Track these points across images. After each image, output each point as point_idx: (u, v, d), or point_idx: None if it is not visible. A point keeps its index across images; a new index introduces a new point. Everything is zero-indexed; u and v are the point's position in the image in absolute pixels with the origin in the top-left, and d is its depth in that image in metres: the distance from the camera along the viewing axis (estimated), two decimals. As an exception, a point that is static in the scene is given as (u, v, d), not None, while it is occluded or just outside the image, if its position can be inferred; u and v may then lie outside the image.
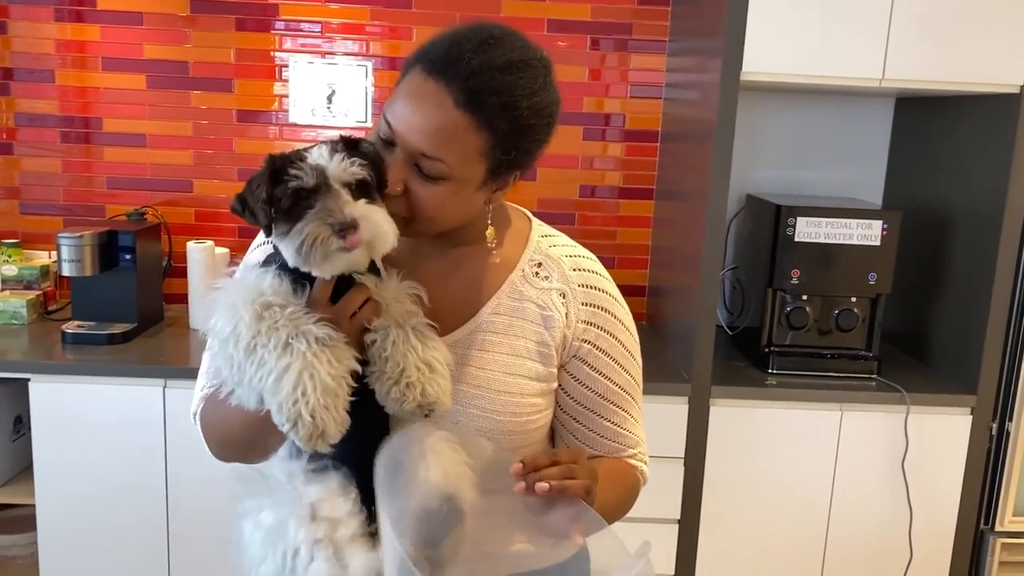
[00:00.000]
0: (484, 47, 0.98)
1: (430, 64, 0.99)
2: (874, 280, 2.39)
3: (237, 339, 0.94)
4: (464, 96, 0.97)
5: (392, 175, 1.01)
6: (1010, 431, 2.35)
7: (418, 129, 0.99)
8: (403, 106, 1.00)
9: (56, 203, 2.80)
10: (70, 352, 2.35)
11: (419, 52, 1.03)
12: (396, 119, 1.00)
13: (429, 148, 0.99)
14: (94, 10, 2.69)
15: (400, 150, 1.00)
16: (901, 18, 2.20)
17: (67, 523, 2.32)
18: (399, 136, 1.00)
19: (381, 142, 1.03)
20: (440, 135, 0.98)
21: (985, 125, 2.37)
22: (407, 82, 1.02)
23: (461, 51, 0.97)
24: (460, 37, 1.00)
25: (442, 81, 0.97)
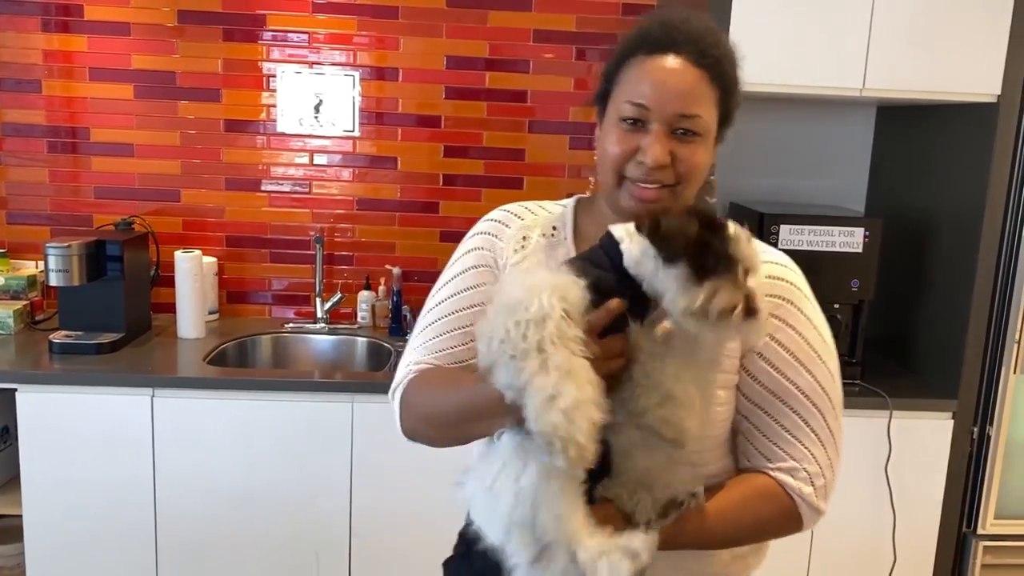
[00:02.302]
0: (688, 20, 1.12)
1: (654, 43, 1.10)
2: (857, 287, 2.41)
3: (525, 334, 0.93)
4: (696, 56, 1.10)
5: (659, 148, 1.09)
6: (991, 435, 2.38)
7: (675, 94, 1.09)
8: (651, 80, 1.10)
9: (43, 213, 2.80)
10: (57, 362, 2.34)
11: (632, 42, 1.13)
12: (648, 95, 1.09)
13: (688, 107, 1.10)
14: (81, 20, 2.70)
15: (657, 123, 1.10)
16: (881, 29, 2.23)
17: (55, 534, 2.31)
18: (656, 109, 1.09)
19: (627, 130, 1.11)
20: (692, 93, 1.10)
21: (964, 133, 2.40)
22: (640, 65, 1.11)
23: (675, 25, 1.10)
24: (665, 19, 1.12)
25: (674, 50, 1.10)
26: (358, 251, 2.89)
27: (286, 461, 2.30)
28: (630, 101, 1.10)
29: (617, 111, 1.12)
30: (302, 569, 2.36)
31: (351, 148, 2.84)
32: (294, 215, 2.86)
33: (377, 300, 2.85)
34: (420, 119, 2.82)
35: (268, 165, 2.83)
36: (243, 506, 2.32)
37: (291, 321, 2.86)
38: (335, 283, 2.90)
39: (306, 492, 2.32)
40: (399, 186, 2.86)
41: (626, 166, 1.12)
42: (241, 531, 2.34)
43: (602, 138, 1.16)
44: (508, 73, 2.81)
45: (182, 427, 2.28)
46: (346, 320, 2.89)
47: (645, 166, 1.10)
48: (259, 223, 2.86)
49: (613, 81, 1.15)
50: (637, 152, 1.10)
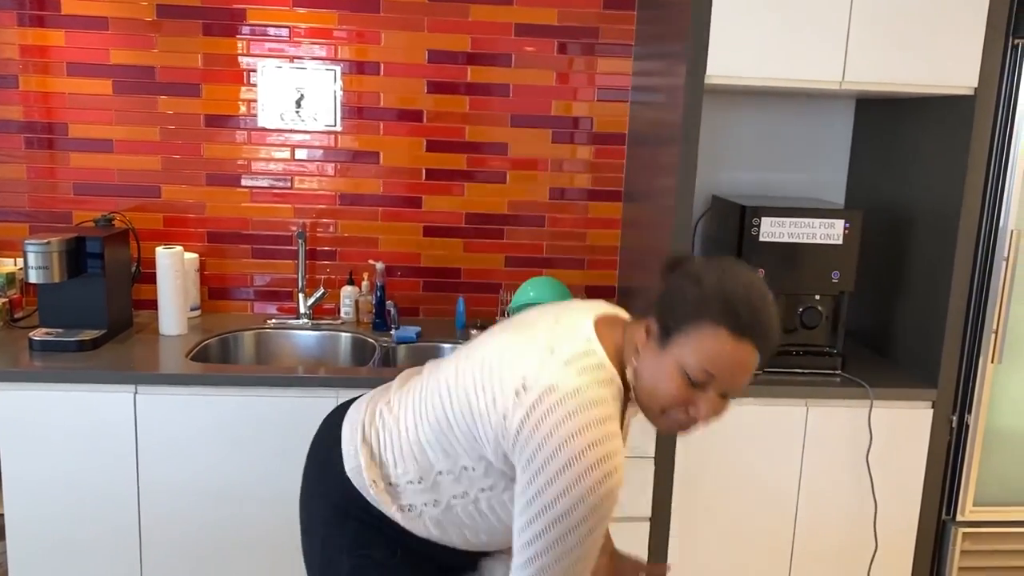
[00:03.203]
0: (765, 303, 1.24)
1: (739, 328, 1.22)
2: (837, 278, 2.44)
3: None
4: (763, 345, 1.24)
5: (711, 411, 1.26)
6: (969, 424, 2.41)
7: (741, 375, 1.24)
8: (727, 364, 1.23)
9: (21, 209, 2.78)
10: (38, 359, 2.32)
11: (716, 310, 1.22)
12: (719, 374, 1.23)
13: (744, 383, 1.26)
14: (58, 15, 2.67)
15: (715, 391, 1.25)
16: (860, 22, 2.25)
17: (38, 532, 2.30)
18: (721, 383, 1.24)
19: (687, 384, 1.24)
20: (750, 373, 1.25)
21: (942, 126, 2.43)
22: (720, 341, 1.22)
23: (760, 318, 1.23)
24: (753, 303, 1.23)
25: (751, 343, 1.23)
26: (341, 246, 2.89)
27: (270, 457, 2.30)
28: (705, 370, 1.22)
29: (682, 364, 1.23)
30: (287, 565, 2.36)
31: (333, 143, 2.83)
32: (276, 210, 2.85)
33: (360, 295, 2.84)
34: (402, 113, 2.82)
35: (249, 160, 2.81)
36: (227, 502, 2.32)
37: (274, 317, 2.85)
38: (318, 278, 2.89)
39: (291, 488, 2.32)
40: (381, 181, 2.86)
41: (676, 407, 1.27)
42: (226, 527, 2.33)
43: (658, 371, 1.26)
44: (490, 67, 2.81)
45: (165, 424, 2.27)
46: (329, 315, 2.89)
47: (693, 420, 1.26)
48: (241, 219, 2.85)
49: (684, 328, 1.24)
50: (689, 403, 1.25)
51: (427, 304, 2.95)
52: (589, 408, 1.23)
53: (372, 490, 1.44)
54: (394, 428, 1.46)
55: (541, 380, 1.26)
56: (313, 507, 1.54)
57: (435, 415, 1.40)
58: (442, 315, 2.95)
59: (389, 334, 2.73)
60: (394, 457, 1.44)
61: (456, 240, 2.90)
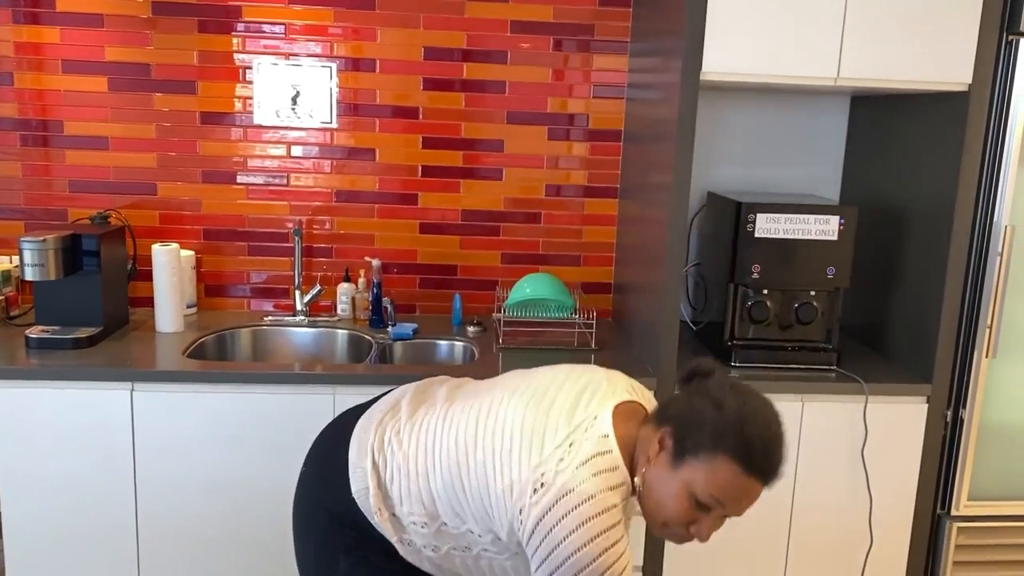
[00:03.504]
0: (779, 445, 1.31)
1: (753, 468, 1.28)
2: (832, 274, 2.45)
3: None
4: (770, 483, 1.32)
5: (711, 530, 1.34)
6: (964, 418, 2.42)
7: (745, 507, 1.32)
8: (737, 497, 1.30)
9: (17, 207, 2.77)
10: (34, 357, 2.32)
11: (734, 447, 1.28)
12: (728, 503, 1.30)
13: (745, 511, 1.33)
14: (53, 12, 2.67)
15: (718, 514, 1.33)
16: (854, 19, 2.26)
17: (35, 530, 2.30)
18: (726, 510, 1.31)
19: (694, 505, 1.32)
20: (753, 503, 1.33)
21: (936, 122, 2.44)
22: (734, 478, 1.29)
23: (772, 458, 1.29)
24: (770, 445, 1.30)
25: (762, 482, 1.31)
26: (337, 243, 2.89)
27: (267, 454, 2.30)
28: (713, 497, 1.29)
29: (692, 487, 1.30)
30: (285, 562, 2.36)
31: (329, 140, 2.83)
32: (272, 207, 2.85)
33: (357, 292, 2.85)
34: (398, 110, 2.82)
35: (245, 157, 2.81)
36: (225, 499, 2.32)
37: (270, 314, 2.85)
38: (314, 275, 2.89)
39: (288, 484, 2.31)
40: (377, 178, 2.86)
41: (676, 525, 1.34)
42: (223, 524, 2.33)
43: (667, 487, 1.33)
44: (486, 64, 2.81)
45: (162, 421, 2.27)
46: (326, 312, 2.89)
47: (692, 538, 1.34)
48: (237, 216, 2.85)
49: (699, 453, 1.30)
50: (692, 521, 1.33)
51: (423, 301, 2.96)
52: (602, 515, 1.31)
53: (377, 517, 1.46)
54: (403, 466, 1.46)
55: (559, 481, 1.32)
56: (311, 514, 1.56)
57: (449, 474, 1.41)
58: (439, 312, 2.95)
59: (386, 331, 2.73)
60: (400, 495, 1.45)
61: (452, 237, 2.90)
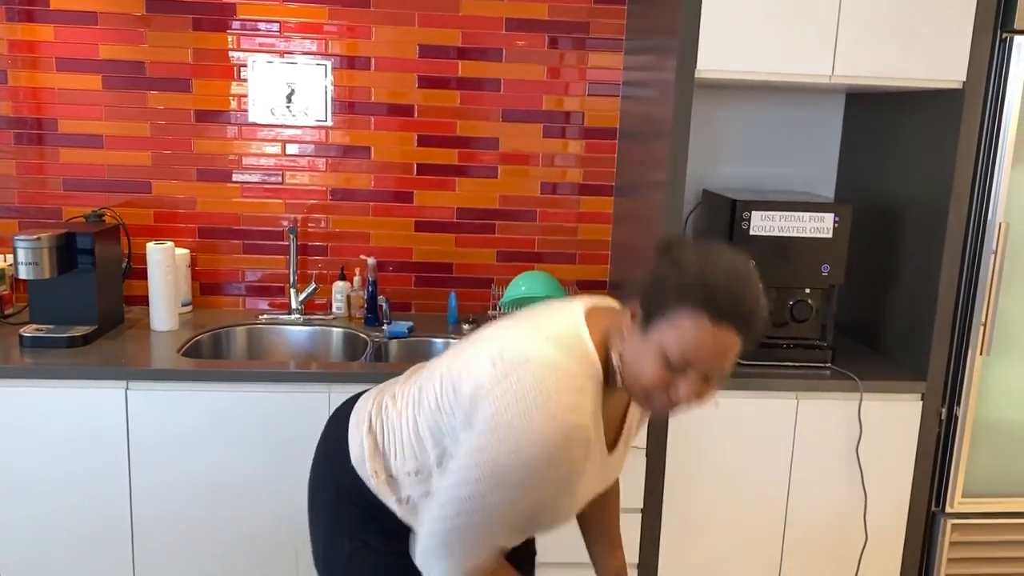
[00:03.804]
0: (747, 289, 1.23)
1: (721, 316, 1.20)
2: (827, 272, 2.45)
3: None
4: (745, 333, 1.23)
5: (693, 393, 1.25)
6: (958, 416, 2.43)
7: (721, 362, 1.23)
8: (707, 350, 1.22)
9: (11, 206, 2.77)
10: (28, 356, 2.32)
11: (698, 296, 1.21)
12: (699, 361, 1.22)
13: (726, 369, 1.25)
14: (47, 10, 2.66)
15: (695, 375, 1.24)
16: (849, 16, 2.26)
17: (29, 529, 2.29)
18: (700, 368, 1.23)
19: (668, 367, 1.24)
20: (732, 359, 1.24)
21: (931, 120, 2.44)
22: (700, 330, 1.21)
23: (741, 306, 1.21)
24: (734, 288, 1.22)
25: (732, 329, 1.21)
26: (332, 241, 2.89)
27: (263, 452, 2.30)
28: (684, 356, 1.22)
29: (663, 348, 1.23)
30: (281, 561, 2.36)
31: (324, 138, 2.82)
32: (267, 206, 2.85)
33: (352, 290, 2.84)
34: (393, 108, 2.82)
35: (240, 155, 2.81)
36: (220, 498, 2.32)
37: (265, 312, 2.85)
38: (309, 274, 2.89)
39: (283, 483, 2.32)
40: (373, 176, 2.85)
41: (657, 392, 1.26)
42: (218, 523, 2.33)
43: (640, 354, 1.26)
44: (481, 61, 2.81)
45: (157, 420, 2.26)
46: (321, 311, 2.89)
47: (675, 403, 1.26)
48: (232, 214, 2.84)
49: (665, 313, 1.23)
50: (671, 386, 1.25)
51: (419, 299, 2.96)
52: (559, 380, 1.24)
53: (374, 480, 1.47)
54: (396, 420, 1.48)
55: (517, 349, 1.28)
56: (319, 493, 1.59)
57: (428, 402, 1.42)
58: (434, 310, 2.95)
59: (381, 329, 2.73)
60: (395, 449, 1.47)
61: (448, 235, 2.90)
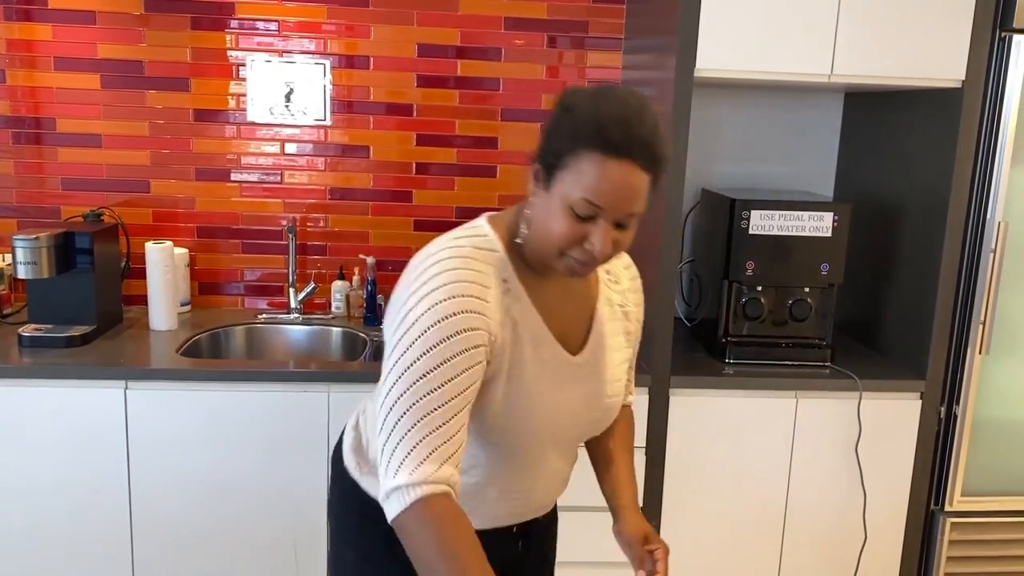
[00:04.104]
0: (642, 119, 1.18)
1: (614, 149, 1.16)
2: (826, 271, 2.45)
3: None
4: (646, 162, 1.19)
5: (607, 242, 1.21)
6: (957, 414, 2.43)
7: (627, 199, 1.20)
8: (608, 186, 1.18)
9: (9, 205, 2.76)
10: (27, 356, 2.32)
11: (589, 135, 1.17)
12: (605, 200, 1.18)
13: (635, 208, 1.22)
14: (45, 9, 2.65)
15: (605, 220, 1.20)
16: (848, 16, 2.26)
17: (27, 530, 2.29)
18: (609, 210, 1.19)
19: (575, 218, 1.20)
20: (640, 196, 1.21)
21: (930, 119, 2.44)
22: (598, 167, 1.17)
23: (633, 132, 1.17)
24: (622, 119, 1.17)
25: (629, 159, 1.17)
26: (331, 241, 2.88)
27: (262, 452, 2.30)
28: (586, 199, 1.18)
29: (567, 199, 1.19)
30: (280, 559, 2.36)
31: (323, 137, 2.82)
32: (266, 205, 2.84)
33: (351, 290, 2.84)
34: (392, 107, 2.82)
35: (239, 155, 2.80)
36: (219, 497, 2.32)
37: (264, 312, 2.85)
38: (308, 273, 2.89)
39: (283, 482, 2.32)
40: (372, 175, 2.85)
41: (571, 248, 1.22)
42: (218, 523, 2.33)
43: (546, 212, 1.22)
44: (479, 61, 2.81)
45: (156, 419, 2.26)
46: (320, 310, 2.88)
47: (591, 255, 1.21)
48: (231, 213, 2.84)
49: (563, 162, 1.19)
50: (583, 239, 1.21)
51: (418, 298, 2.95)
52: (448, 260, 1.25)
53: (358, 474, 1.47)
54: (371, 408, 1.47)
55: (424, 251, 1.31)
56: (329, 502, 1.59)
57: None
58: (433, 309, 2.94)
59: (380, 328, 2.73)
60: (370, 436, 1.47)
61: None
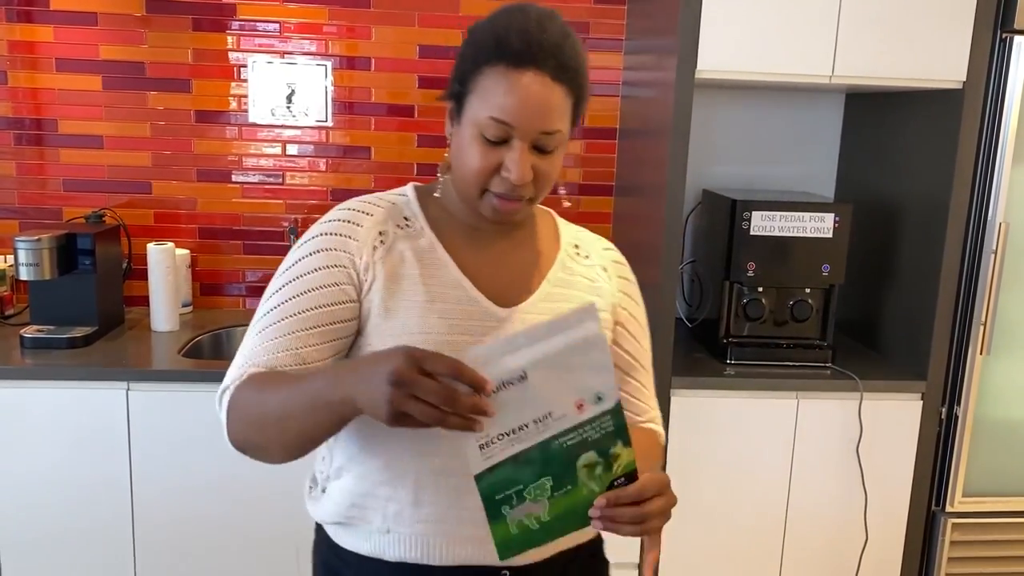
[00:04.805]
0: (544, 27, 1.10)
1: (516, 57, 1.08)
2: (827, 271, 2.45)
3: None
4: (555, 71, 1.09)
5: (523, 165, 1.11)
6: (958, 415, 2.43)
7: (538, 113, 1.09)
8: (515, 99, 1.09)
9: (11, 206, 2.77)
10: (29, 357, 2.32)
11: (489, 50, 1.10)
12: (512, 114, 1.09)
13: (549, 124, 1.11)
14: (46, 10, 2.66)
15: (519, 140, 1.10)
16: (849, 16, 2.26)
17: (30, 531, 2.29)
18: (520, 127, 1.09)
19: (489, 145, 1.11)
20: (553, 111, 1.11)
21: (931, 119, 2.44)
22: (501, 80, 1.09)
23: (533, 37, 1.09)
24: (522, 27, 1.10)
25: (533, 67, 1.09)
26: (332, 242, 2.88)
27: (264, 453, 2.30)
28: (493, 118, 1.09)
29: (477, 125, 1.11)
30: (281, 561, 2.36)
31: (324, 138, 2.82)
32: (267, 206, 2.85)
33: (352, 290, 2.84)
34: (393, 109, 2.82)
35: (240, 156, 2.81)
36: (221, 499, 2.32)
37: (266, 313, 2.85)
38: (310, 274, 2.88)
39: (284, 484, 2.32)
40: (373, 176, 2.85)
41: (490, 179, 1.13)
42: (219, 524, 2.33)
43: (460, 146, 1.14)
44: (481, 62, 2.80)
45: (158, 420, 2.27)
46: (321, 311, 2.88)
47: (510, 183, 1.12)
48: (232, 214, 2.84)
49: (468, 86, 1.12)
50: (500, 167, 1.12)
51: (419, 299, 2.95)
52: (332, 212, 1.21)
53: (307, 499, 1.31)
54: None
55: None
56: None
57: None
58: (434, 310, 2.95)
59: (381, 329, 2.73)
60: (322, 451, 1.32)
61: (448, 235, 2.89)
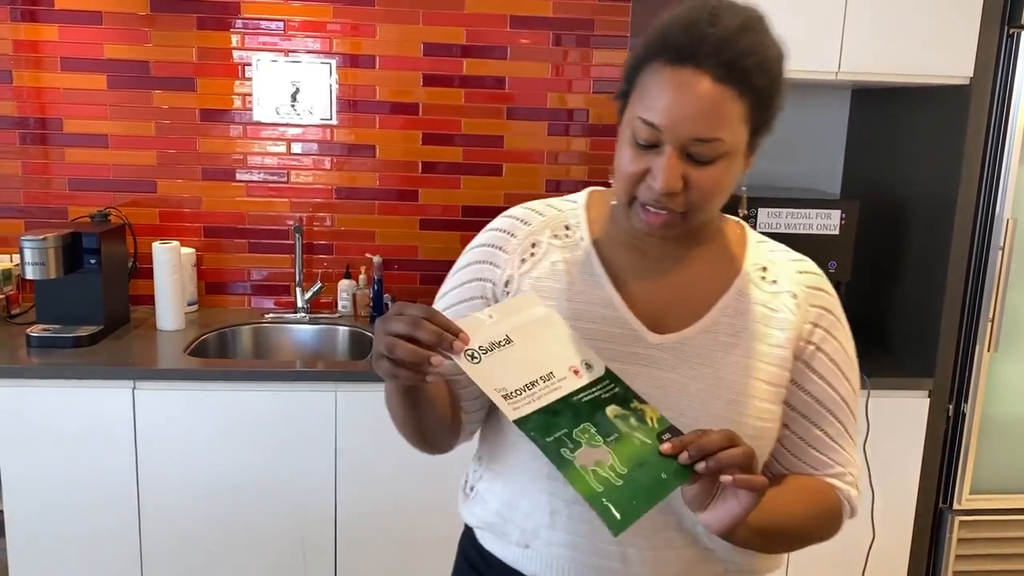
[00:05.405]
0: (716, 19, 0.99)
1: (675, 53, 0.99)
2: (834, 268, 2.44)
3: None
4: (719, 70, 0.97)
5: (669, 173, 0.99)
6: (966, 412, 2.42)
7: (690, 116, 0.98)
8: (666, 100, 0.99)
9: (16, 206, 2.77)
10: (35, 356, 2.32)
11: (653, 45, 1.02)
12: (661, 115, 0.99)
13: (704, 131, 0.98)
14: (51, 10, 2.66)
15: (670, 146, 0.99)
16: (855, 12, 2.25)
17: (38, 529, 2.30)
18: (668, 131, 0.99)
19: (640, 148, 1.02)
20: (711, 115, 0.98)
21: (937, 115, 2.43)
22: (657, 77, 1.01)
23: (699, 30, 0.98)
24: (690, 20, 1.00)
25: (693, 63, 0.98)
26: (337, 240, 2.88)
27: (270, 452, 2.30)
28: (643, 119, 0.99)
29: (631, 125, 1.02)
30: (288, 559, 2.36)
31: (328, 136, 2.82)
32: (272, 204, 2.84)
33: (358, 289, 2.84)
34: (397, 106, 2.81)
35: (245, 154, 2.81)
36: (227, 497, 2.32)
37: (271, 311, 2.85)
38: (315, 272, 2.89)
39: (290, 482, 2.32)
40: (377, 174, 2.85)
41: (638, 186, 1.03)
42: (226, 523, 2.33)
43: (618, 146, 1.05)
44: (485, 60, 2.80)
45: (164, 419, 2.27)
46: (327, 309, 2.88)
47: (654, 191, 1.01)
48: (237, 213, 2.84)
49: (632, 83, 1.04)
50: (648, 173, 1.01)
51: (425, 297, 2.94)
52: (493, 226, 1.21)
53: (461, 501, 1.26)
54: None
55: None
56: None
57: None
58: (439, 308, 2.95)
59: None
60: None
61: (453, 233, 2.89)
